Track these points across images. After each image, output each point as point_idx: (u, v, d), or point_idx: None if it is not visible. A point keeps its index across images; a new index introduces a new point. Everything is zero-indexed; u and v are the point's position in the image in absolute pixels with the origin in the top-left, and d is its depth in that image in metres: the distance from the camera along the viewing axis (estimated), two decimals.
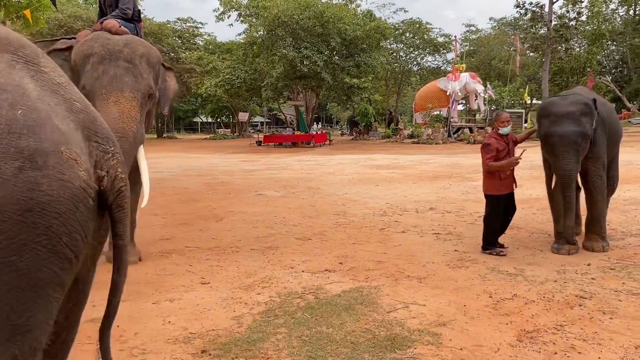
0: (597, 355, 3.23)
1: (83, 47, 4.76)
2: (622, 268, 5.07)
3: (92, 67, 4.61)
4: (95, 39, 4.83)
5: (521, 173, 13.28)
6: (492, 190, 5.80)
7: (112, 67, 4.61)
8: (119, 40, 4.86)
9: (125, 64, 4.70)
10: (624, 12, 38.68)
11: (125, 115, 4.49)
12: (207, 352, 3.28)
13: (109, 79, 4.55)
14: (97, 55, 4.67)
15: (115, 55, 4.69)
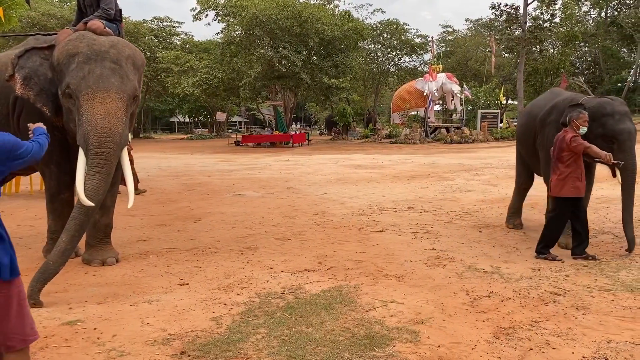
0: (571, 350, 3.30)
1: (68, 46, 4.71)
2: (594, 265, 5.19)
3: (77, 67, 4.56)
4: (80, 38, 4.77)
5: (497, 172, 13.51)
6: (571, 191, 5.38)
7: (98, 67, 4.57)
8: (105, 40, 4.82)
9: (112, 64, 4.66)
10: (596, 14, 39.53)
11: (111, 115, 4.45)
12: (187, 353, 3.27)
13: (95, 78, 4.51)
14: (83, 54, 4.62)
15: (101, 55, 4.65)
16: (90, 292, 4.50)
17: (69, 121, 4.74)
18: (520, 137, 6.92)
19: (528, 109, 6.86)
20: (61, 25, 29.37)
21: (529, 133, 6.48)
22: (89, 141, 4.36)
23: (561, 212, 5.51)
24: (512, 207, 7.17)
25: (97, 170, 4.38)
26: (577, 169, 5.36)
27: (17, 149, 2.58)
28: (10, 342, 2.45)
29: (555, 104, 6.03)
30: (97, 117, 4.37)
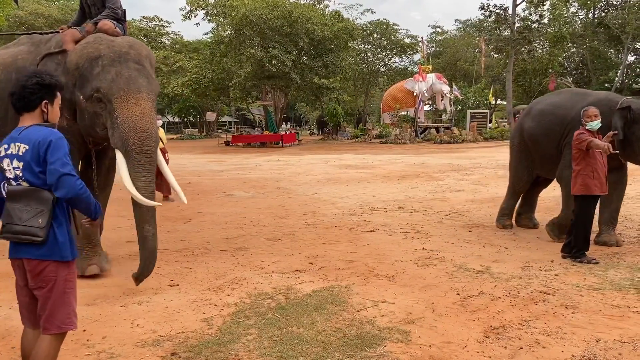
0: (561, 349, 3.33)
1: (88, 49, 4.64)
2: (583, 264, 5.23)
3: (103, 70, 4.51)
4: (98, 40, 4.71)
5: (486, 172, 13.58)
6: (581, 189, 5.40)
7: (124, 69, 4.54)
8: (122, 41, 4.77)
9: (135, 65, 4.64)
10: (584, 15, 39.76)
11: (146, 115, 4.46)
12: (177, 354, 3.25)
13: (125, 80, 4.47)
14: (107, 57, 4.56)
15: (123, 57, 4.61)
16: (80, 293, 4.43)
17: (94, 125, 4.61)
18: (537, 138, 6.52)
19: (549, 110, 6.47)
20: (49, 25, 29.11)
21: (552, 134, 6.25)
22: (129, 142, 4.34)
23: (580, 212, 5.46)
24: (506, 208, 7.08)
25: (146, 168, 4.38)
26: (587, 167, 5.36)
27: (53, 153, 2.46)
28: (47, 324, 2.55)
29: (592, 104, 5.84)
30: (134, 118, 4.36)
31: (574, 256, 5.38)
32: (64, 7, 33.95)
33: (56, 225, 2.52)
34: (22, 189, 2.52)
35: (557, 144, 6.17)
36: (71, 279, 2.60)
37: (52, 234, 2.50)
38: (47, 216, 2.47)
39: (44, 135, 2.48)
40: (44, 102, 2.60)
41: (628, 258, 5.47)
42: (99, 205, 2.63)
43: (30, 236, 2.48)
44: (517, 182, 6.96)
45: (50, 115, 2.64)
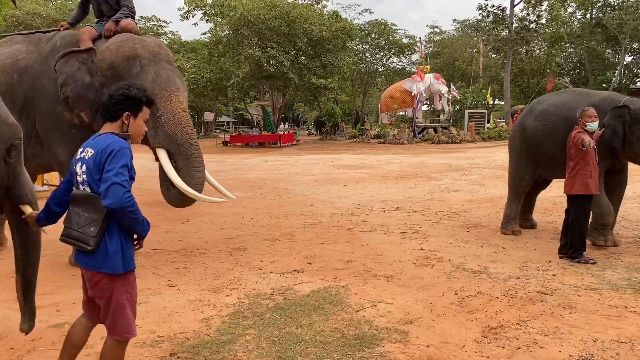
0: (558, 349, 3.34)
1: (124, 49, 4.61)
2: (580, 264, 5.25)
3: (142, 70, 4.51)
4: (131, 39, 4.69)
5: (484, 172, 13.60)
6: (580, 189, 5.39)
7: (161, 69, 4.56)
8: (151, 41, 4.78)
9: (169, 65, 4.67)
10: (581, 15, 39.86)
11: (186, 112, 4.55)
12: (176, 355, 3.26)
13: (165, 80, 4.50)
14: (144, 57, 4.57)
15: (157, 57, 4.63)
16: (78, 294, 4.43)
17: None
18: (540, 139, 6.44)
19: (552, 110, 6.40)
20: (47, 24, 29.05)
21: (556, 135, 6.20)
22: (177, 137, 4.39)
23: (577, 211, 5.45)
24: (510, 213, 6.79)
25: (199, 161, 4.48)
26: (586, 166, 5.36)
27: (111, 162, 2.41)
28: (110, 331, 2.58)
29: (595, 104, 5.87)
30: (179, 115, 4.42)
31: (571, 256, 5.39)
32: (61, 6, 33.87)
33: (108, 236, 2.46)
34: (83, 194, 2.51)
35: (562, 144, 6.14)
36: (128, 290, 2.56)
37: (103, 245, 2.46)
38: (99, 225, 2.43)
39: (109, 144, 2.45)
40: (126, 114, 2.57)
41: (625, 258, 5.49)
42: (147, 223, 2.56)
43: (82, 243, 2.47)
44: (520, 184, 6.79)
45: (130, 127, 2.61)
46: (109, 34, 5.02)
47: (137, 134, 2.64)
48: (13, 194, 2.77)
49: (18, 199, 2.77)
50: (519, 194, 6.83)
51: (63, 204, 2.69)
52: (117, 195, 2.34)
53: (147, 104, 2.64)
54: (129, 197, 2.38)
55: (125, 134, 2.58)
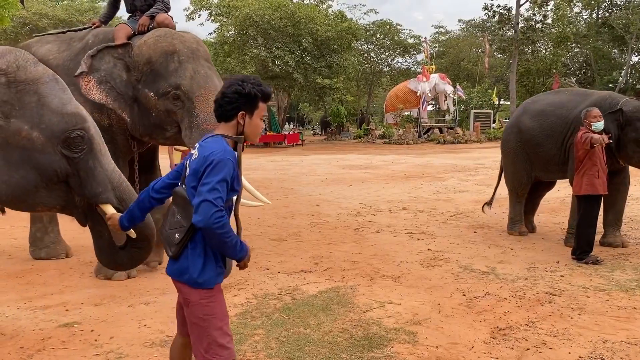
0: (568, 350, 3.33)
1: (162, 44, 4.44)
2: (589, 265, 5.23)
3: (181, 66, 4.36)
4: (169, 35, 4.53)
5: (490, 173, 13.55)
6: (587, 189, 5.36)
7: (199, 66, 4.43)
8: (189, 37, 4.63)
9: (206, 63, 4.54)
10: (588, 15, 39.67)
11: None
12: None
13: (203, 78, 4.37)
14: (182, 53, 4.41)
15: (195, 53, 4.48)
16: (87, 294, 4.48)
17: (164, 124, 4.43)
18: (538, 140, 6.37)
19: (550, 110, 6.35)
20: (53, 25, 29.18)
21: (555, 135, 6.18)
22: None
23: (586, 212, 5.42)
24: (514, 215, 6.79)
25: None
26: (593, 166, 5.33)
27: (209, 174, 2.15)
28: (194, 349, 2.35)
29: (594, 103, 5.87)
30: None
31: (578, 258, 5.38)
32: (68, 7, 33.99)
33: (191, 246, 2.26)
34: (182, 195, 2.30)
35: (561, 145, 6.13)
36: (208, 308, 2.27)
37: (184, 255, 2.27)
38: (183, 233, 2.24)
39: (212, 152, 2.20)
40: (241, 113, 2.30)
41: (634, 259, 5.46)
42: (243, 246, 2.29)
43: (167, 246, 2.32)
44: (518, 186, 6.74)
45: (246, 127, 2.33)
46: (143, 29, 4.81)
47: (253, 134, 2.38)
48: (86, 192, 2.57)
49: (93, 197, 2.57)
50: (520, 197, 6.77)
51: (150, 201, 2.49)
52: (205, 214, 2.10)
53: (263, 99, 2.35)
54: (219, 218, 2.13)
55: (238, 136, 2.33)
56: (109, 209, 2.55)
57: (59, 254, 5.60)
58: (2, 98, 2.40)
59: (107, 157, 2.65)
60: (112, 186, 2.60)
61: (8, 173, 2.41)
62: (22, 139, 2.41)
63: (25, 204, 2.57)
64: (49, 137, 2.45)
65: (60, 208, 2.63)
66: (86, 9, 33.69)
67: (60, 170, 2.48)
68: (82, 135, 2.51)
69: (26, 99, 2.44)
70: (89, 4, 35.86)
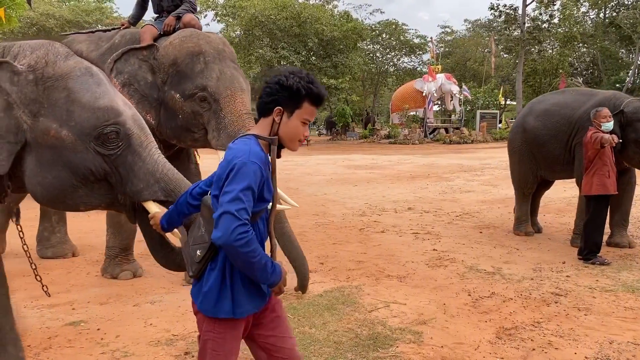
0: (574, 350, 3.32)
1: (188, 44, 4.36)
2: (595, 266, 5.21)
3: (207, 67, 4.27)
4: (195, 35, 4.46)
5: (496, 173, 13.52)
6: (598, 189, 5.34)
7: (225, 67, 4.34)
8: (215, 37, 4.56)
9: (232, 64, 4.46)
10: (594, 15, 39.48)
11: (250, 115, 4.29)
12: (190, 354, 3.28)
13: (229, 79, 4.28)
14: (208, 54, 4.33)
15: (221, 54, 4.40)
16: (93, 292, 4.50)
17: (191, 126, 4.35)
18: (543, 139, 6.37)
19: (555, 110, 6.35)
20: (60, 26, 29.35)
21: (560, 135, 6.17)
22: None
23: (595, 212, 5.41)
24: (521, 215, 6.76)
25: None
26: (603, 166, 5.31)
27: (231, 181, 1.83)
28: None
29: (599, 103, 5.87)
30: (243, 118, 4.19)
31: (585, 258, 5.35)
32: (75, 7, 34.17)
33: (210, 267, 1.95)
34: (208, 205, 1.99)
35: (566, 144, 6.12)
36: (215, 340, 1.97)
37: (204, 275, 1.96)
38: (205, 250, 1.94)
39: (235, 154, 1.88)
40: (277, 109, 1.95)
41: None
42: (275, 268, 1.90)
43: (188, 263, 2.04)
44: (524, 186, 6.75)
45: (282, 128, 1.96)
46: (169, 29, 4.76)
47: (289, 139, 1.99)
48: (127, 190, 2.39)
49: (135, 195, 2.39)
50: (526, 196, 6.78)
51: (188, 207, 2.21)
52: (227, 229, 1.76)
53: (311, 99, 1.97)
54: (243, 234, 1.77)
55: (271, 137, 1.97)
56: (152, 207, 2.38)
57: (66, 253, 5.64)
58: (30, 96, 2.29)
59: (150, 150, 2.44)
60: (156, 179, 2.40)
61: (41, 174, 2.31)
62: (51, 138, 2.28)
63: (65, 205, 2.46)
64: (79, 135, 2.29)
65: (106, 206, 2.51)
66: (92, 10, 33.85)
67: (96, 169, 2.32)
68: (117, 131, 2.32)
69: (55, 96, 2.31)
70: (96, 4, 36.03)
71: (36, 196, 2.41)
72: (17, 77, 2.27)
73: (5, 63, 2.28)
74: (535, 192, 6.95)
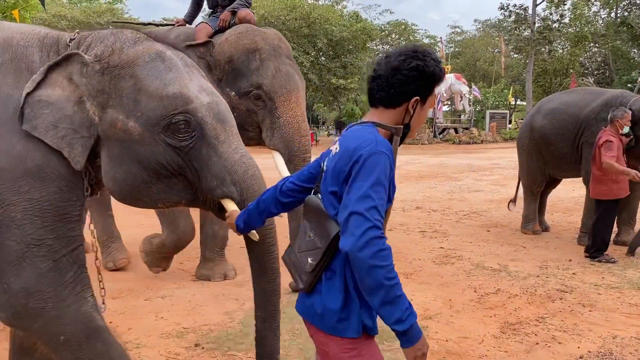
0: (577, 345, 3.37)
1: (243, 41, 4.25)
2: (601, 263, 5.23)
3: (262, 65, 4.16)
4: (250, 32, 4.36)
5: (505, 173, 13.52)
6: (607, 194, 5.36)
7: (281, 65, 4.24)
8: (271, 34, 4.47)
9: (289, 61, 4.36)
10: (606, 14, 39.23)
11: (305, 116, 4.25)
12: (200, 345, 3.36)
13: (285, 77, 4.18)
14: (264, 51, 4.23)
15: (278, 51, 4.30)
16: (105, 287, 4.59)
17: (245, 125, 4.23)
18: (549, 138, 6.40)
19: (562, 108, 6.38)
20: (72, 27, 29.63)
21: (566, 133, 6.20)
22: (293, 146, 4.08)
23: (605, 212, 5.41)
24: (529, 213, 6.82)
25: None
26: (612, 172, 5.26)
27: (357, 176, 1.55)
28: None
29: (606, 101, 5.92)
30: (298, 119, 4.10)
31: (592, 256, 5.38)
32: (86, 9, 34.50)
33: (326, 277, 1.65)
34: (317, 205, 1.74)
35: (572, 143, 6.15)
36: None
37: (318, 288, 1.67)
38: (319, 258, 1.65)
39: (359, 144, 1.60)
40: (415, 99, 1.69)
41: None
42: (413, 312, 1.54)
43: (296, 275, 1.77)
44: (533, 184, 6.80)
45: (415, 118, 1.74)
46: (224, 25, 4.67)
47: (418, 127, 1.81)
48: (203, 186, 2.20)
49: (210, 192, 2.20)
50: (535, 194, 6.82)
51: (276, 204, 1.97)
52: (355, 234, 1.46)
53: (438, 82, 1.75)
54: (376, 240, 1.46)
55: (396, 127, 1.71)
56: (229, 204, 2.18)
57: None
58: (97, 87, 2.14)
59: (229, 144, 2.20)
60: (233, 179, 2.18)
61: (113, 169, 2.15)
62: (119, 130, 2.11)
63: (141, 201, 2.27)
64: (146, 126, 2.09)
65: (187, 203, 2.31)
66: (104, 11, 34.15)
67: (168, 163, 2.12)
68: (187, 120, 2.10)
69: (121, 85, 2.12)
70: (107, 5, 36.36)
71: (112, 193, 2.27)
72: (86, 69, 2.14)
73: (75, 55, 2.15)
74: (543, 190, 6.98)
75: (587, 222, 5.93)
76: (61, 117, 2.09)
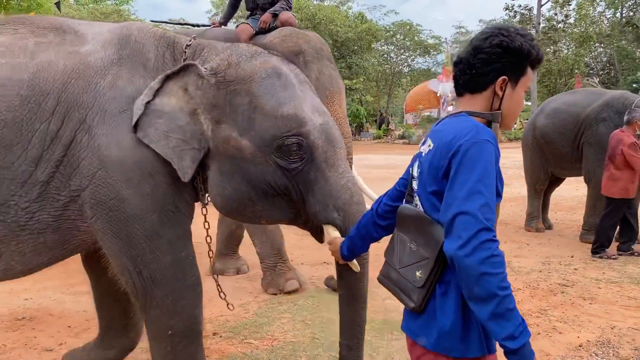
0: (577, 334, 3.53)
1: (288, 43, 4.26)
2: (602, 259, 5.38)
3: (306, 67, 4.14)
4: (295, 34, 4.40)
5: (510, 172, 13.65)
6: (621, 193, 5.39)
7: (323, 67, 4.27)
8: (313, 36, 4.51)
9: (330, 64, 4.38)
10: (611, 14, 39.21)
11: (346, 118, 4.22)
12: (218, 334, 3.54)
13: (327, 79, 4.21)
14: (307, 53, 4.25)
15: (320, 53, 4.34)
16: None
17: None
18: (550, 137, 6.55)
19: (563, 108, 6.54)
20: None
21: (567, 133, 6.34)
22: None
23: (611, 211, 5.49)
24: (532, 211, 6.96)
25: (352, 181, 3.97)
26: (633, 174, 5.34)
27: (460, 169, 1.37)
28: None
29: (607, 102, 6.05)
30: (341, 121, 4.03)
31: (594, 251, 5.52)
32: (93, 10, 34.80)
33: (440, 292, 1.45)
34: (413, 213, 1.58)
35: (573, 142, 6.31)
36: None
37: (431, 305, 1.48)
38: (429, 269, 1.45)
39: (456, 134, 1.42)
40: (502, 78, 1.50)
41: None
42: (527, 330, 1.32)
43: (403, 293, 1.58)
44: (536, 182, 6.95)
45: (506, 102, 1.52)
46: (264, 26, 4.69)
47: (512, 115, 1.57)
48: (306, 209, 2.15)
49: (312, 216, 2.14)
50: (538, 192, 6.97)
51: (376, 229, 1.87)
52: (463, 236, 1.29)
53: (533, 63, 1.53)
54: (488, 243, 1.28)
55: (493, 112, 1.53)
56: (332, 231, 2.10)
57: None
58: (212, 101, 2.12)
59: (337, 168, 2.14)
60: (337, 205, 2.11)
61: (222, 185, 2.15)
62: (231, 147, 2.08)
63: (245, 217, 2.31)
64: (258, 146, 2.06)
65: (289, 222, 2.28)
66: (111, 12, 34.45)
67: (276, 183, 2.09)
68: (299, 143, 2.05)
69: (236, 101, 2.09)
70: (113, 7, 36.65)
71: (217, 206, 2.30)
72: (202, 81, 2.13)
73: (192, 66, 2.14)
74: (547, 189, 7.12)
75: (589, 220, 6.08)
76: (173, 128, 2.11)
